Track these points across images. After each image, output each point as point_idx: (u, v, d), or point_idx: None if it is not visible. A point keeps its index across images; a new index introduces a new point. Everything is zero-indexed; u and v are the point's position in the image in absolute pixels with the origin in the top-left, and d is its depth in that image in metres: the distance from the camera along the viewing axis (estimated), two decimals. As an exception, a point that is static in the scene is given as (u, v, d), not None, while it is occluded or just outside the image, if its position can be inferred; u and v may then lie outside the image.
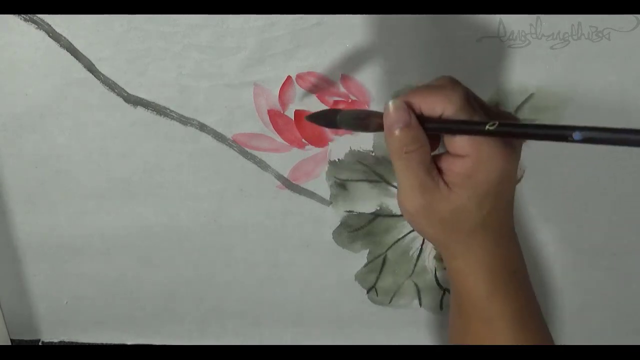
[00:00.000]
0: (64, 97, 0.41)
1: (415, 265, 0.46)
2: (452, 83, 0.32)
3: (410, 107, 0.31)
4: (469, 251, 0.34)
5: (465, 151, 0.31)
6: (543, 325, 0.37)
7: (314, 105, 0.41)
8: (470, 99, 0.31)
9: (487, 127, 0.29)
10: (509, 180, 0.32)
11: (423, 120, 0.31)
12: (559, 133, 0.25)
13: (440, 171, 0.33)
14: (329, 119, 0.35)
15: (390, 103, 0.31)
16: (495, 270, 0.34)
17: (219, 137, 0.42)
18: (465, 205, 0.32)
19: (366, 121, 0.33)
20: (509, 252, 0.34)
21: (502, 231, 0.34)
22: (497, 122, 0.29)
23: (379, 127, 0.32)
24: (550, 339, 0.37)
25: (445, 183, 0.32)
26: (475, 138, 0.30)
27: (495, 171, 0.31)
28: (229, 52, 0.39)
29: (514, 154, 0.32)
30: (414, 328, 0.49)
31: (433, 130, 0.31)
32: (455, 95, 0.30)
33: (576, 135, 0.24)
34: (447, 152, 0.32)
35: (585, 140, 0.25)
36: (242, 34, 0.38)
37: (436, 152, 0.33)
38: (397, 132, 0.31)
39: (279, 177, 0.43)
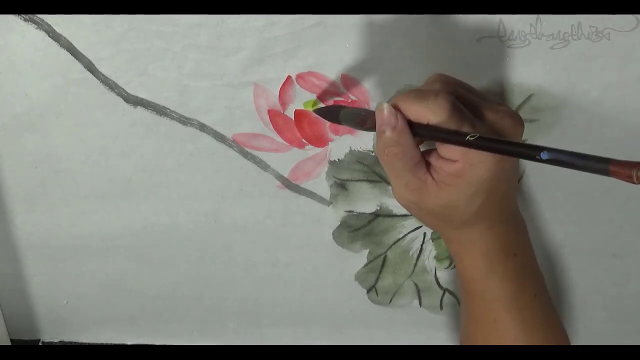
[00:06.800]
0: (63, 97, 0.41)
1: (415, 265, 0.46)
2: (437, 91, 0.32)
3: (398, 110, 0.32)
4: (464, 237, 0.34)
5: (454, 156, 0.31)
6: (549, 312, 0.36)
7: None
8: (456, 109, 0.31)
9: (467, 137, 0.29)
10: (502, 176, 0.32)
11: (412, 125, 0.32)
12: (529, 152, 0.27)
13: (430, 166, 0.33)
14: (333, 114, 0.37)
15: (380, 104, 0.32)
16: (491, 253, 0.34)
17: (219, 137, 0.42)
18: (454, 202, 0.32)
19: (365, 120, 0.34)
20: (507, 236, 0.35)
21: (499, 217, 0.34)
22: (477, 135, 0.29)
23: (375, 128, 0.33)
24: (556, 328, 0.37)
25: (434, 180, 0.33)
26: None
27: (486, 173, 0.31)
28: (229, 52, 0.39)
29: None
30: (414, 328, 0.49)
31: (422, 136, 0.32)
32: (438, 108, 0.30)
33: (543, 154, 0.26)
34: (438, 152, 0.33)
35: (550, 161, 0.26)
36: (242, 34, 0.38)
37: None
38: (384, 133, 0.32)
39: (279, 177, 0.43)
